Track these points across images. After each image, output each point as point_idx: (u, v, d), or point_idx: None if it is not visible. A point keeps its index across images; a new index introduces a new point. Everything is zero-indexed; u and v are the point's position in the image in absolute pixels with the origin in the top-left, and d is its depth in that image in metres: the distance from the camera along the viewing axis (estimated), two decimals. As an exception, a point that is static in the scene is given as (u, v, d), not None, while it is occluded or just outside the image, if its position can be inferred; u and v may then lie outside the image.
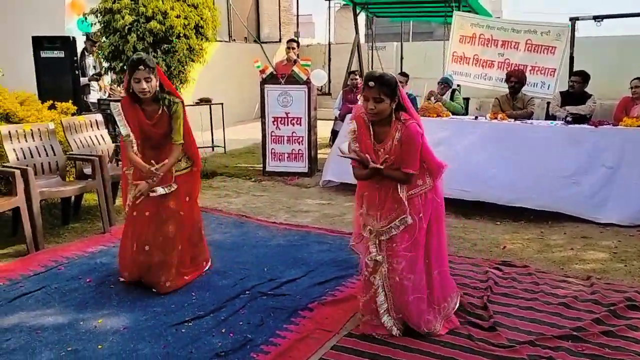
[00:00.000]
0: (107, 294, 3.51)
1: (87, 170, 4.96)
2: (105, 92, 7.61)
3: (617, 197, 4.94)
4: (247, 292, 3.50)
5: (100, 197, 4.74)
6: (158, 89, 3.41)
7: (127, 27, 5.97)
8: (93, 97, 7.44)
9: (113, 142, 5.65)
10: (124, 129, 3.43)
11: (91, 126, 5.35)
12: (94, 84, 7.53)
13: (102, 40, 6.23)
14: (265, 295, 3.47)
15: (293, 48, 7.54)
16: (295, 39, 8.06)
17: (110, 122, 6.77)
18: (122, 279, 3.68)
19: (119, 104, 3.48)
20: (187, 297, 3.44)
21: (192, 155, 3.67)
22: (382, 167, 2.78)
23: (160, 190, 3.47)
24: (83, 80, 7.35)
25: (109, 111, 6.84)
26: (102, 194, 4.74)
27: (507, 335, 2.94)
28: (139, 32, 5.99)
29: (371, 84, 2.67)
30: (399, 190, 2.84)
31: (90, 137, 5.28)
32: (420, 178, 2.88)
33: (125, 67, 6.14)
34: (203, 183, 5.92)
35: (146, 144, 3.51)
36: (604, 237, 4.61)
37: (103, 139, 5.42)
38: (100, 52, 6.45)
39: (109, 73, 6.62)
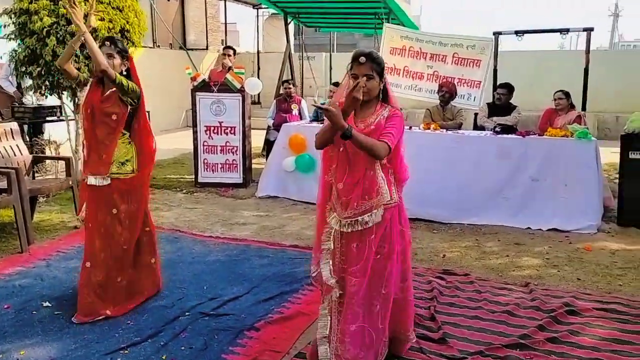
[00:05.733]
0: (29, 321, 3.18)
1: (1, 184, 4.53)
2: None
3: (543, 207, 5.24)
4: (187, 314, 3.29)
5: (18, 214, 4.33)
6: (125, 73, 3.29)
7: (45, 30, 5.54)
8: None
9: (30, 153, 5.21)
10: None
11: (5, 136, 4.91)
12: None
13: (18, 43, 5.75)
14: (207, 315, 3.28)
15: (229, 55, 7.32)
16: (232, 46, 7.84)
17: (24, 132, 6.28)
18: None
19: None
20: (122, 322, 3.18)
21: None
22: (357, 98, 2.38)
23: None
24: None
25: (27, 120, 6.38)
26: (20, 209, 4.34)
27: (457, 346, 2.93)
28: (59, 35, 5.57)
29: (362, 59, 2.49)
30: (377, 171, 2.55)
31: (4, 147, 4.84)
32: (388, 189, 2.59)
33: (42, 73, 5.71)
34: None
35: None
36: (535, 243, 4.78)
37: (19, 149, 4.99)
38: (14, 56, 5.90)
39: (24, 78, 6.10)
